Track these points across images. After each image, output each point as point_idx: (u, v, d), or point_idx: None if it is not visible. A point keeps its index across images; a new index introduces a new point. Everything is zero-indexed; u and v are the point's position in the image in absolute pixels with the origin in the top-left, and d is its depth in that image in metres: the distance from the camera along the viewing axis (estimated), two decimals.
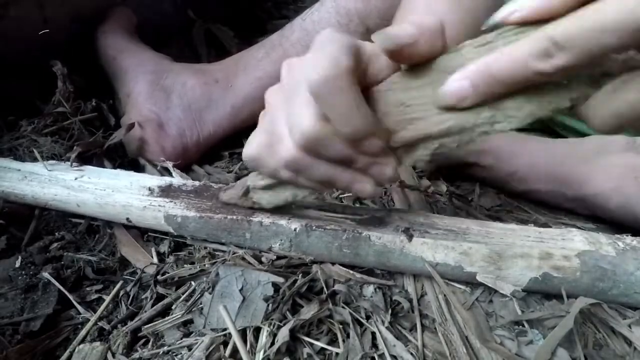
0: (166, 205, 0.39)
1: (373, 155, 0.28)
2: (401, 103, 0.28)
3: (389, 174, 0.29)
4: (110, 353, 0.33)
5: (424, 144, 0.29)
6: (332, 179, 0.30)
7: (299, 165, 0.29)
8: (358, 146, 0.27)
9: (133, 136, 0.53)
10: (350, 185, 0.30)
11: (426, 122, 0.28)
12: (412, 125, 0.28)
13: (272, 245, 0.37)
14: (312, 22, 0.58)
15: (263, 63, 0.59)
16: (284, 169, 0.31)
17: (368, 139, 0.27)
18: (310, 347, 0.32)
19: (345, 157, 0.28)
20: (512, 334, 0.32)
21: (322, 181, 0.30)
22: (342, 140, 0.27)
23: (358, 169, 0.29)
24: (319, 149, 0.27)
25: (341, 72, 0.25)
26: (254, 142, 0.32)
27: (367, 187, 0.30)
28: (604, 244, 0.34)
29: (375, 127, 0.27)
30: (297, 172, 0.30)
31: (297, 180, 0.31)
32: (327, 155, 0.28)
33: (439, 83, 0.26)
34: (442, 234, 0.35)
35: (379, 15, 0.56)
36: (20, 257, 0.38)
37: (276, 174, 0.32)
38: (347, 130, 0.26)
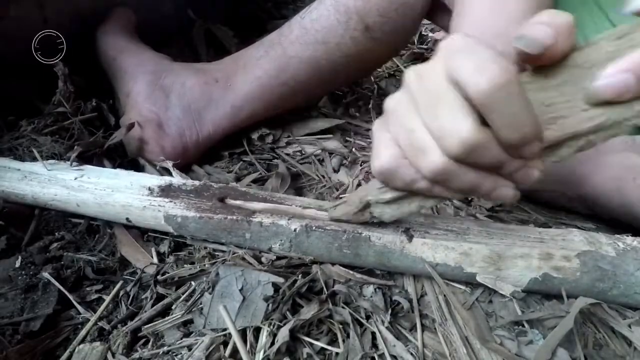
0: (166, 205, 0.39)
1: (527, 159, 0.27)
2: (540, 103, 0.27)
3: (536, 176, 0.28)
4: (110, 353, 0.33)
5: (570, 142, 0.28)
6: (475, 186, 0.28)
7: (446, 175, 0.28)
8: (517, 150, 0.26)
9: (133, 136, 0.53)
10: (493, 191, 0.29)
11: (572, 120, 0.27)
12: (556, 125, 0.27)
13: (272, 245, 0.37)
14: (310, 20, 0.58)
15: (262, 62, 0.58)
16: (424, 180, 0.29)
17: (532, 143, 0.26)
18: (310, 347, 0.32)
19: (498, 163, 0.27)
20: (512, 334, 0.32)
21: (465, 189, 0.29)
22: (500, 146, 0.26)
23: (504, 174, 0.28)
24: (475, 156, 0.26)
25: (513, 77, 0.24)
26: (385, 155, 0.30)
27: (510, 192, 0.29)
28: (604, 244, 0.34)
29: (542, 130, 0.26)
30: (442, 183, 0.29)
31: (433, 190, 0.30)
32: (481, 162, 0.27)
33: (583, 79, 0.25)
34: (442, 234, 0.35)
35: (379, 12, 0.56)
36: (20, 257, 0.38)
37: (412, 185, 0.30)
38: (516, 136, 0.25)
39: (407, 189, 0.31)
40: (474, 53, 0.25)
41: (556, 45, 0.25)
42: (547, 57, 0.26)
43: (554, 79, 0.27)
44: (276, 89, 0.59)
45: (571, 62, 0.26)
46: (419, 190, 0.30)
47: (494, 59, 0.24)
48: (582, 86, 0.26)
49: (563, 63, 0.26)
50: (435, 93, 0.26)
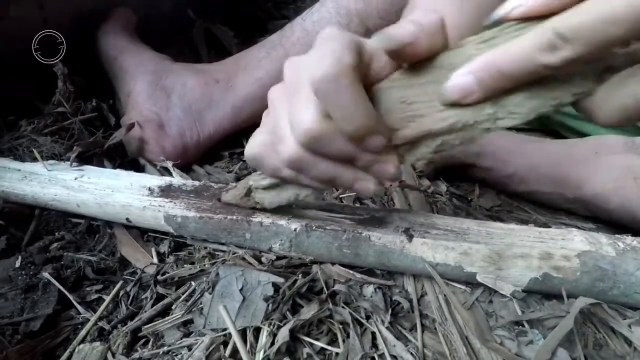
0: (166, 206, 0.39)
1: (375, 153, 0.28)
2: (403, 100, 0.28)
3: (391, 171, 0.29)
4: (110, 353, 0.33)
5: (426, 142, 0.29)
6: (334, 177, 0.30)
7: (300, 163, 0.29)
8: (360, 144, 0.27)
9: (133, 136, 0.53)
10: (352, 183, 0.30)
11: (428, 120, 0.28)
12: (414, 123, 0.28)
13: (272, 245, 0.37)
14: (312, 22, 0.58)
15: (263, 63, 0.59)
16: (286, 168, 0.30)
17: (370, 137, 0.27)
18: (310, 347, 0.32)
19: (347, 155, 0.28)
20: (512, 334, 0.33)
21: (324, 180, 0.30)
22: (345, 138, 0.27)
23: (360, 168, 0.29)
24: (321, 146, 0.27)
25: (344, 69, 0.24)
26: (256, 141, 0.32)
27: (369, 186, 0.30)
28: (604, 244, 0.34)
29: (377, 124, 0.27)
30: (299, 171, 0.30)
31: (299, 179, 0.31)
32: (329, 153, 0.28)
33: (442, 80, 0.26)
34: (442, 234, 0.35)
35: (379, 15, 0.56)
36: (20, 257, 0.38)
37: (278, 173, 0.32)
38: (350, 127, 0.26)
39: (275, 175, 0.33)
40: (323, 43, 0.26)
41: (416, 44, 0.25)
42: (408, 55, 0.26)
43: (420, 77, 0.28)
44: None
45: (438, 62, 0.27)
46: (287, 178, 0.32)
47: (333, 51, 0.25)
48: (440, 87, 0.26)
49: (432, 63, 0.27)
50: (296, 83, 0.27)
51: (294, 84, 0.28)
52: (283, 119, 0.29)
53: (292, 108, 0.28)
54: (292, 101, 0.28)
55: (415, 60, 0.27)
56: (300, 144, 0.28)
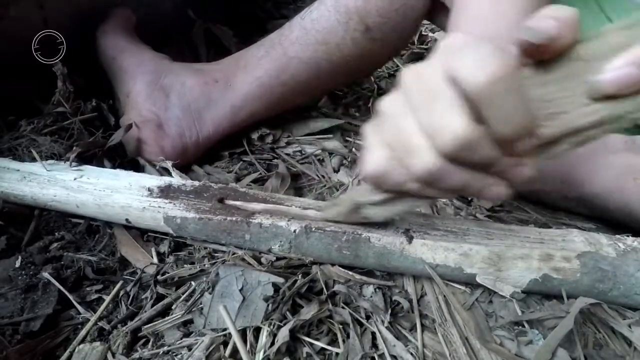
0: (165, 207, 0.39)
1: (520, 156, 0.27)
2: (539, 99, 0.27)
3: (528, 174, 0.28)
4: (110, 353, 0.33)
5: (569, 138, 0.27)
6: (466, 186, 0.28)
7: (437, 174, 0.27)
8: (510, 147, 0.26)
9: (132, 136, 0.53)
10: (483, 189, 0.28)
11: (573, 115, 0.26)
12: (555, 121, 0.27)
13: (272, 246, 0.37)
14: (311, 21, 0.58)
15: (263, 62, 0.58)
16: (414, 182, 0.29)
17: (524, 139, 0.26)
18: (310, 347, 0.32)
19: (490, 161, 0.27)
20: (512, 334, 0.32)
21: (455, 190, 0.28)
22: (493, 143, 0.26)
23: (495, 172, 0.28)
24: (469, 154, 0.26)
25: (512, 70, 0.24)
26: (376, 157, 0.29)
27: (501, 190, 0.28)
28: (605, 245, 0.34)
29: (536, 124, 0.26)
30: (433, 183, 0.28)
31: (423, 191, 0.29)
32: (474, 160, 0.26)
33: (585, 73, 0.25)
34: (442, 235, 0.35)
35: (379, 13, 0.56)
36: (20, 257, 0.38)
37: (402, 187, 0.29)
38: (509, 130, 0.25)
39: (397, 190, 0.31)
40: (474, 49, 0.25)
41: (560, 38, 0.24)
42: (550, 50, 0.25)
43: (555, 73, 0.26)
44: (276, 89, 0.59)
45: (574, 55, 0.25)
46: (409, 191, 0.30)
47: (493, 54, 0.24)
48: (584, 80, 0.25)
49: (566, 57, 0.26)
50: (432, 91, 0.26)
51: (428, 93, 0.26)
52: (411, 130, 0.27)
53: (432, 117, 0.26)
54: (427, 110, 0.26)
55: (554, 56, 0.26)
56: (444, 153, 0.26)
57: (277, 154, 0.60)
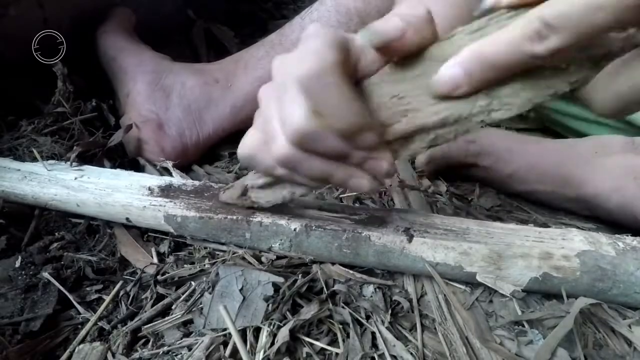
0: (166, 205, 0.39)
1: (368, 150, 0.28)
2: (394, 95, 0.28)
3: (385, 167, 0.29)
4: (110, 353, 0.33)
5: (420, 136, 0.28)
6: (327, 175, 0.29)
7: (292, 161, 0.29)
8: (352, 141, 0.27)
9: (132, 136, 0.53)
10: (347, 181, 0.29)
11: (421, 114, 0.27)
12: (406, 118, 0.28)
13: (272, 245, 0.37)
14: (311, 21, 0.58)
15: (263, 62, 0.59)
16: (279, 167, 0.30)
17: (362, 133, 0.27)
18: (310, 347, 0.32)
19: (339, 153, 0.28)
20: (512, 334, 0.32)
21: (318, 177, 0.30)
22: (336, 135, 0.27)
23: (354, 165, 0.29)
24: (312, 144, 0.27)
25: (328, 66, 0.24)
26: (248, 140, 0.31)
27: (363, 183, 0.29)
28: (604, 244, 0.34)
29: (368, 120, 0.27)
30: (292, 169, 0.30)
31: (293, 177, 0.31)
32: (321, 150, 0.28)
33: (432, 73, 0.26)
34: (442, 233, 0.35)
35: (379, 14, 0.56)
36: (20, 257, 0.38)
37: (272, 171, 0.31)
38: (339, 125, 0.26)
39: (269, 174, 0.32)
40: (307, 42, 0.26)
41: (404, 38, 0.25)
42: (397, 49, 0.26)
43: (410, 72, 0.27)
44: None
45: (428, 55, 0.26)
46: (280, 177, 0.32)
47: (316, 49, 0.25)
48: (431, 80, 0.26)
49: (422, 56, 0.26)
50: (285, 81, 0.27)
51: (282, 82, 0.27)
52: (274, 118, 0.29)
53: (282, 106, 0.27)
54: (282, 99, 0.27)
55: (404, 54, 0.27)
56: (292, 142, 0.27)
57: None
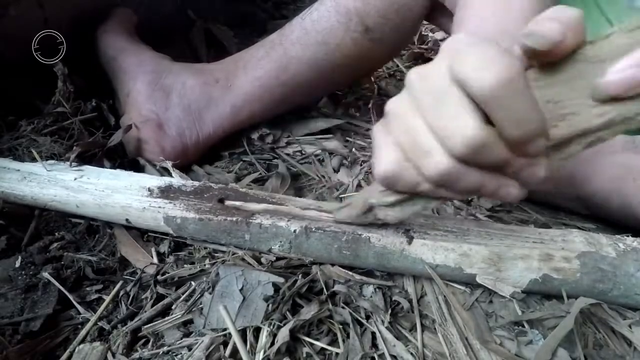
0: (166, 207, 0.39)
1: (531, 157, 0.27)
2: (548, 100, 0.27)
3: (541, 174, 0.27)
4: (110, 353, 0.33)
5: (579, 139, 0.27)
6: (480, 186, 0.28)
7: (451, 176, 0.27)
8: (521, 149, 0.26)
9: (132, 136, 0.53)
10: (497, 190, 0.28)
11: (582, 117, 0.26)
12: (564, 122, 0.27)
13: (272, 246, 0.37)
14: (311, 21, 0.58)
15: (263, 62, 0.58)
16: (427, 183, 0.29)
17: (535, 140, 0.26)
18: (310, 347, 0.32)
19: (502, 162, 0.27)
20: (512, 334, 0.32)
21: (469, 190, 0.28)
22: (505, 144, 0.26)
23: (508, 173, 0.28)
24: (480, 156, 0.26)
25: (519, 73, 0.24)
26: (387, 159, 0.29)
27: (514, 191, 0.28)
28: (605, 245, 0.34)
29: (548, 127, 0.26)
30: (445, 185, 0.28)
31: (438, 192, 0.29)
32: (486, 162, 0.26)
33: (591, 75, 0.25)
34: (442, 235, 0.35)
35: (379, 14, 0.56)
36: (20, 257, 0.38)
37: (415, 188, 0.30)
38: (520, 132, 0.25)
39: (410, 191, 0.30)
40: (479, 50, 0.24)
41: (565, 41, 0.24)
42: (556, 53, 0.25)
43: (562, 74, 0.26)
44: (276, 90, 0.59)
45: (580, 57, 0.25)
46: (423, 193, 0.30)
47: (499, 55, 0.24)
48: (591, 82, 0.25)
49: (572, 58, 0.26)
50: (439, 93, 0.26)
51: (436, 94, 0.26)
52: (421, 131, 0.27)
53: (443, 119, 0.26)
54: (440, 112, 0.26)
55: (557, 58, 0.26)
56: (456, 155, 0.26)
57: (277, 154, 0.60)
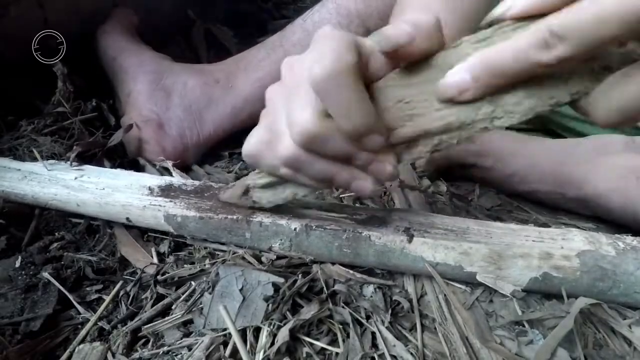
0: (166, 205, 0.39)
1: (373, 153, 0.28)
2: (400, 100, 0.28)
3: (388, 170, 0.29)
4: (110, 353, 0.33)
5: (424, 141, 0.29)
6: (331, 176, 0.30)
7: (297, 162, 0.29)
8: (359, 143, 0.27)
9: (133, 136, 0.53)
10: (350, 182, 0.30)
11: (426, 119, 0.28)
12: (411, 122, 0.28)
13: (272, 245, 0.37)
14: (312, 23, 0.58)
15: (264, 63, 0.59)
16: (283, 167, 0.31)
17: (369, 135, 0.27)
18: (310, 347, 0.32)
19: (344, 154, 0.28)
20: (512, 334, 0.32)
21: (322, 179, 0.30)
22: (343, 137, 0.27)
23: (358, 167, 0.29)
24: (319, 145, 0.28)
25: (346, 67, 0.25)
26: (254, 139, 0.32)
27: (366, 185, 0.30)
28: (604, 243, 0.34)
29: (378, 122, 0.27)
30: (296, 170, 0.30)
31: (296, 177, 0.31)
32: (327, 152, 0.28)
33: (438, 79, 0.26)
34: (442, 233, 0.35)
35: (380, 16, 0.57)
36: (20, 257, 0.38)
37: (275, 171, 0.32)
38: (350, 126, 0.26)
39: (273, 173, 0.33)
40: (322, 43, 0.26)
41: (413, 44, 0.26)
42: (405, 55, 0.27)
43: (417, 77, 0.28)
44: None
45: (434, 62, 0.27)
46: (284, 177, 0.32)
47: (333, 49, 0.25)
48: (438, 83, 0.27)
49: (428, 62, 0.27)
50: (295, 82, 0.28)
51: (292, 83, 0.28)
52: (281, 118, 0.29)
53: (290, 107, 0.28)
54: (290, 100, 0.28)
55: (412, 60, 0.27)
56: (298, 143, 0.28)
57: None
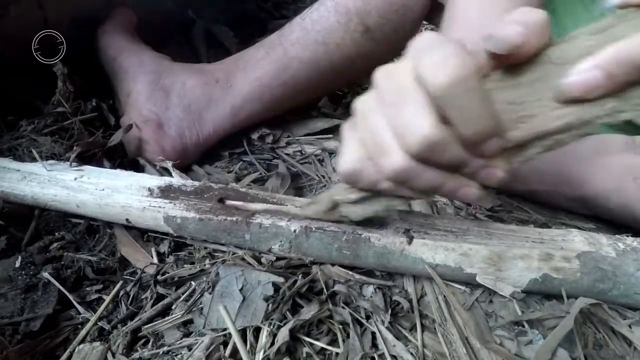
0: (166, 207, 0.39)
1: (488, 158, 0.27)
2: (510, 101, 0.27)
3: (500, 176, 0.28)
4: (110, 353, 0.33)
5: (538, 142, 0.27)
6: (438, 186, 0.28)
7: (407, 174, 0.27)
8: (476, 149, 0.26)
9: (132, 136, 0.53)
10: (456, 191, 0.29)
11: (541, 119, 0.26)
12: (525, 124, 0.27)
13: (272, 246, 0.37)
14: (311, 21, 0.58)
15: (263, 63, 0.59)
16: (387, 181, 0.29)
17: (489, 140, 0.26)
18: (310, 347, 0.32)
19: (459, 162, 0.27)
20: (512, 334, 0.33)
21: (428, 189, 0.29)
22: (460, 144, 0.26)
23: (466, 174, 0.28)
24: (436, 154, 0.26)
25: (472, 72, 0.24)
26: (350, 155, 0.30)
27: (473, 192, 0.29)
28: (605, 245, 0.34)
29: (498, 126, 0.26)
30: (403, 183, 0.29)
31: (397, 190, 0.30)
32: (442, 161, 0.26)
33: (553, 76, 0.25)
34: (442, 234, 0.35)
35: (379, 14, 0.56)
36: (20, 257, 0.38)
37: (376, 186, 0.30)
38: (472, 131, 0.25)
39: (372, 189, 0.31)
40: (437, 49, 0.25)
41: (527, 44, 0.24)
42: (518, 56, 0.25)
43: (526, 76, 0.26)
44: (276, 90, 0.59)
45: (545, 58, 0.25)
46: (384, 191, 0.30)
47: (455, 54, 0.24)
48: (553, 83, 0.25)
49: (537, 60, 0.26)
50: (401, 91, 0.26)
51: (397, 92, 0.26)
52: (383, 129, 0.27)
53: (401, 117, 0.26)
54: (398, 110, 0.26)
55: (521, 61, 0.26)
56: (412, 154, 0.26)
57: (277, 154, 0.60)
